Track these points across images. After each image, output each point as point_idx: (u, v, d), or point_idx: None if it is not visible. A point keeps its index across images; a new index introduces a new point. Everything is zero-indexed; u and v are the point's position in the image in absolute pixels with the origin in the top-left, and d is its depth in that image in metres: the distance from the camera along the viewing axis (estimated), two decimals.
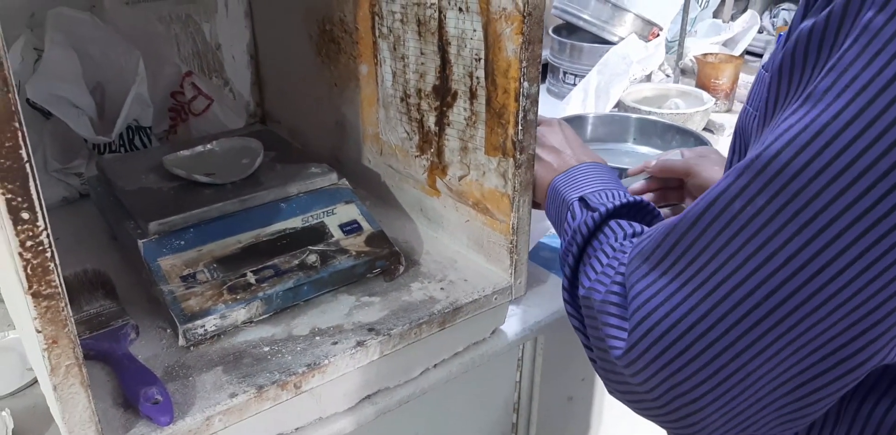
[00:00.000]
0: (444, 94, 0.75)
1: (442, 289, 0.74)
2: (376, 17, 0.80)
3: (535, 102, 0.67)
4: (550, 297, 0.86)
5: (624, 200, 0.58)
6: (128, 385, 0.58)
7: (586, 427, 1.07)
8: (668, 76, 1.66)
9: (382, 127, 0.86)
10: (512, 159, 0.69)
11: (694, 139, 1.07)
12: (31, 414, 0.67)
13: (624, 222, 0.55)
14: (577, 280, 0.53)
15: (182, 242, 0.67)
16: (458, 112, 0.74)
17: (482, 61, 0.69)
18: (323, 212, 0.75)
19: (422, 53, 0.76)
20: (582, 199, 0.61)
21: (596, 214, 0.56)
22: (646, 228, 0.54)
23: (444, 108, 0.76)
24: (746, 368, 0.39)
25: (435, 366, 0.75)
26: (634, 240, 0.52)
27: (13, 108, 0.40)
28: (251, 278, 0.67)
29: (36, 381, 0.71)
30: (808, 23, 0.39)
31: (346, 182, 0.78)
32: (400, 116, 0.82)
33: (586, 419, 1.06)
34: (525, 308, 0.83)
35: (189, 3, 1.02)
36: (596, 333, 0.48)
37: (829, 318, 0.37)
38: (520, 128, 0.68)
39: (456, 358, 0.77)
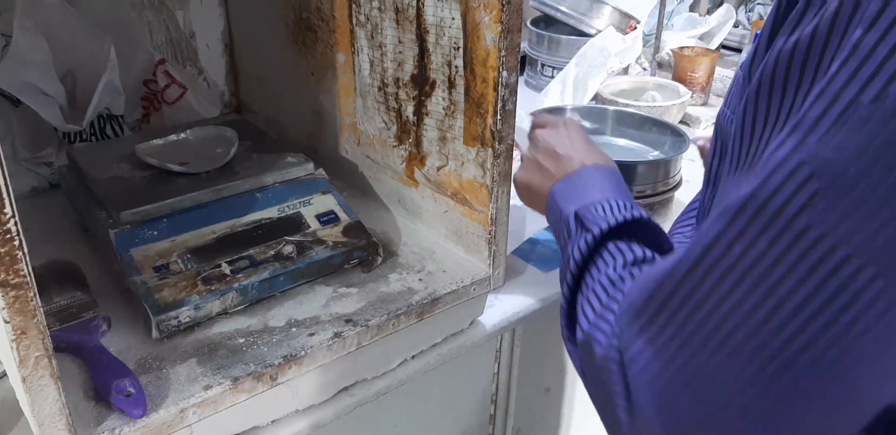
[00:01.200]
0: (422, 84, 0.74)
1: (420, 280, 0.73)
2: (353, 5, 0.79)
3: (514, 92, 0.67)
4: (528, 288, 0.86)
5: (621, 218, 0.52)
6: (99, 377, 0.56)
7: (563, 418, 1.07)
8: (644, 69, 1.66)
9: (360, 117, 0.85)
10: (491, 149, 0.69)
11: (671, 132, 1.07)
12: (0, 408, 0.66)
13: (623, 245, 0.50)
14: (575, 311, 0.48)
15: (155, 233, 0.66)
16: (437, 102, 0.73)
17: (461, 50, 0.68)
18: (299, 202, 0.74)
19: (399, 42, 0.75)
20: (577, 216, 0.56)
21: (590, 236, 0.51)
22: (647, 253, 0.49)
23: (423, 98, 0.75)
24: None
25: (413, 357, 0.75)
26: (634, 269, 0.47)
27: None
28: (226, 269, 0.66)
29: (4, 374, 0.70)
30: (790, 40, 0.36)
31: (323, 172, 0.78)
32: (378, 106, 0.82)
33: (563, 410, 1.06)
34: (502, 299, 0.83)
35: None
36: (600, 388, 0.42)
37: (860, 365, 0.32)
38: (498, 117, 0.67)
39: (434, 349, 0.76)
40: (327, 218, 0.74)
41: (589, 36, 1.43)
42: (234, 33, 1.08)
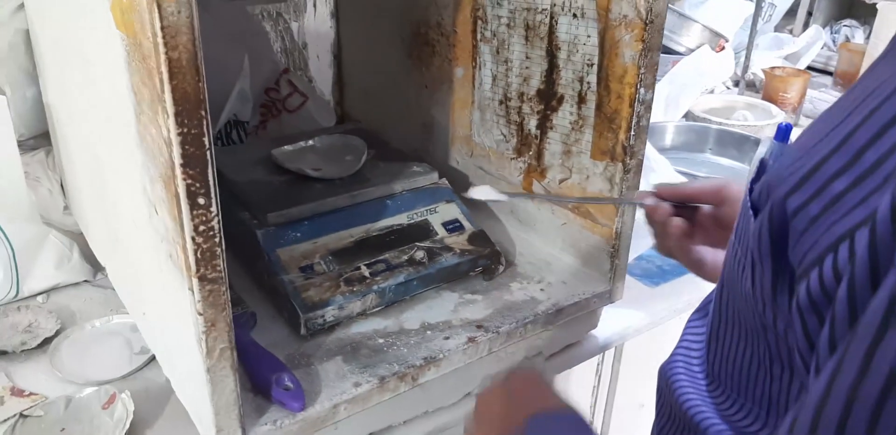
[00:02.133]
0: (548, 98, 0.76)
1: (542, 290, 0.75)
2: (479, 21, 0.82)
3: (649, 109, 0.69)
4: (634, 302, 0.87)
5: None
6: (256, 371, 0.59)
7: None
8: (728, 88, 1.66)
9: (476, 129, 0.88)
10: (621, 164, 0.71)
11: None
12: (145, 398, 0.69)
13: None
14: None
15: (298, 234, 0.69)
16: (564, 116, 0.75)
17: (594, 66, 0.70)
18: (426, 210, 0.76)
19: (527, 57, 0.77)
20: None
21: None
22: None
23: (549, 112, 0.77)
24: None
25: None
26: None
27: (202, 96, 0.42)
28: (365, 272, 0.68)
29: (145, 365, 0.73)
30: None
31: (447, 181, 0.80)
32: (497, 119, 0.84)
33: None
34: (612, 312, 0.84)
35: (280, 2, 1.04)
36: None
37: None
38: (632, 133, 0.69)
39: (553, 358, 0.78)
40: (453, 226, 0.76)
41: (677, 53, 1.44)
42: (343, 45, 1.12)
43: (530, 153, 0.81)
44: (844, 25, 1.75)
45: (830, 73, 1.72)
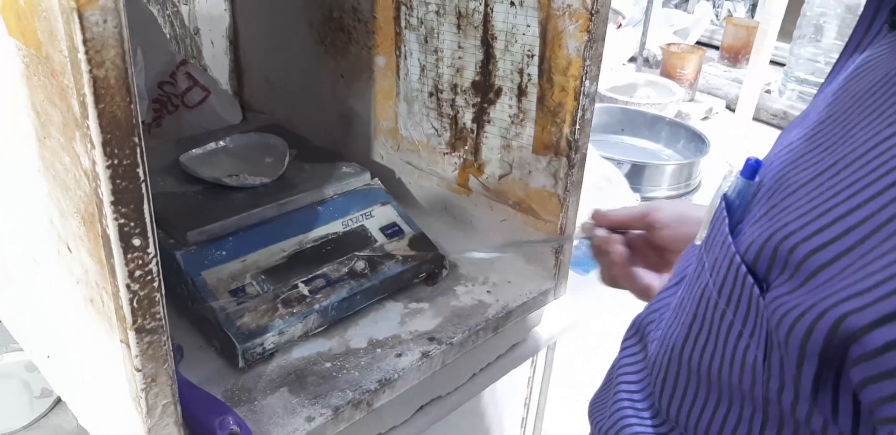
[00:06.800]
0: (485, 91, 0.72)
1: (488, 292, 0.71)
2: (403, 7, 0.76)
3: (594, 101, 0.66)
4: (571, 292, 0.86)
5: None
6: (195, 416, 0.52)
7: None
8: (623, 65, 1.68)
9: (403, 122, 0.82)
10: (566, 159, 0.68)
11: (684, 131, 1.08)
12: None
13: None
14: None
15: (223, 253, 0.62)
16: (502, 109, 0.71)
17: (535, 58, 0.67)
18: (361, 214, 0.70)
19: (460, 47, 0.72)
20: None
21: None
22: None
23: (486, 105, 0.73)
24: None
25: (481, 370, 0.73)
26: None
27: (134, 121, 0.35)
28: (304, 290, 0.62)
29: (50, 410, 0.64)
30: None
31: (379, 182, 0.74)
32: (427, 112, 0.79)
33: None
34: (550, 306, 0.82)
35: None
36: None
37: None
38: (577, 127, 0.66)
39: (498, 360, 0.75)
40: (392, 231, 0.71)
41: None
42: (239, 30, 1.02)
43: (466, 148, 0.77)
44: (726, 0, 1.81)
45: (715, 47, 1.78)
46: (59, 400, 0.64)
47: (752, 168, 0.36)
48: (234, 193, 0.67)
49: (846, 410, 0.27)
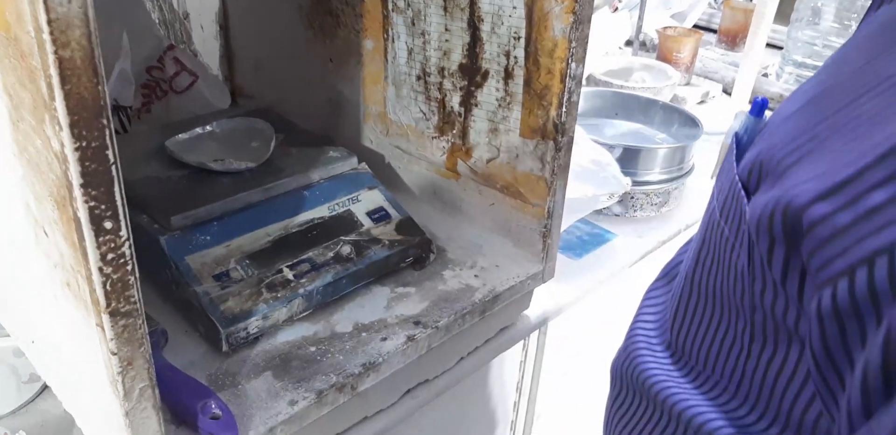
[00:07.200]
0: (472, 74, 0.71)
1: (476, 276, 0.71)
2: None
3: (580, 84, 0.65)
4: (561, 277, 0.86)
5: None
6: (177, 400, 0.53)
7: (580, 399, 1.08)
8: (620, 49, 1.67)
9: (391, 106, 0.82)
10: (552, 142, 0.67)
11: (678, 114, 1.08)
12: (42, 433, 0.61)
13: None
14: None
15: (208, 238, 0.62)
16: (489, 92, 0.71)
17: (521, 40, 0.66)
18: (348, 199, 0.70)
19: (447, 30, 0.72)
20: None
21: None
22: None
23: (473, 88, 0.72)
24: None
25: (469, 354, 0.74)
26: None
27: (102, 102, 0.34)
28: (288, 274, 0.62)
29: (38, 395, 0.65)
30: None
31: (367, 166, 0.74)
32: (415, 95, 0.78)
33: (580, 393, 1.08)
34: (541, 289, 0.82)
35: None
36: None
37: None
38: (563, 110, 0.65)
39: (486, 344, 0.75)
40: (378, 215, 0.70)
41: None
42: (229, 14, 1.01)
43: (454, 132, 0.76)
44: None
45: (713, 31, 1.76)
46: (46, 385, 0.64)
47: (759, 106, 0.40)
48: (219, 178, 0.67)
49: (810, 296, 0.29)
